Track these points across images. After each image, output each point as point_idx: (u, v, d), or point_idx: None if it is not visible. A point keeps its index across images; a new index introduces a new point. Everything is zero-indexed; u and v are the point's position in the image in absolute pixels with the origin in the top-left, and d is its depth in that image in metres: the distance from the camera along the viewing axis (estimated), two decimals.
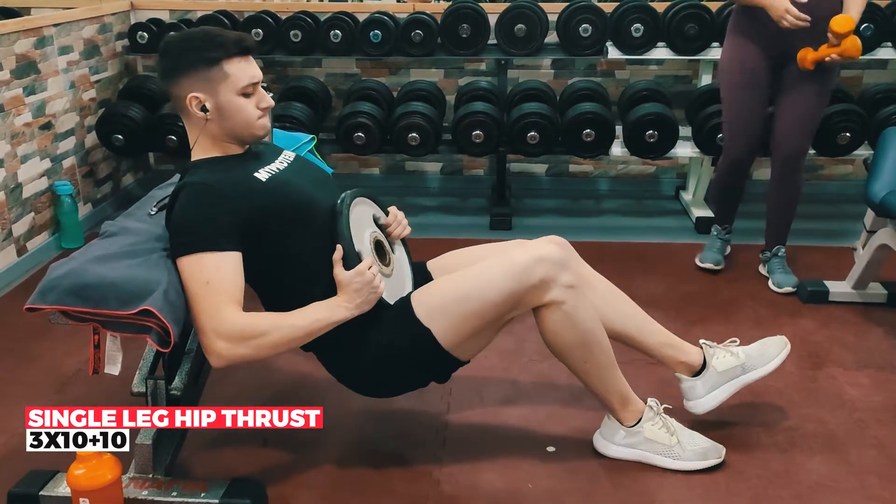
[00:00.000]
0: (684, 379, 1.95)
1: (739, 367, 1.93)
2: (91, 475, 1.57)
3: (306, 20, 3.57)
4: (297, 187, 1.74)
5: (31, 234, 3.13)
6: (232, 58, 1.66)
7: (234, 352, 1.59)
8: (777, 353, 1.96)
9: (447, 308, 1.69)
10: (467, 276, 1.73)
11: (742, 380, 1.93)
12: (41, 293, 1.56)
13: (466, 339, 1.72)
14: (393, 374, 1.76)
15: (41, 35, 3.20)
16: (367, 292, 1.64)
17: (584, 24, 3.41)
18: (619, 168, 4.06)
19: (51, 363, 2.36)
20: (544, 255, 1.69)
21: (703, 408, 1.93)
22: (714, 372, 1.92)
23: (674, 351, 1.94)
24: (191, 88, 1.67)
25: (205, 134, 1.72)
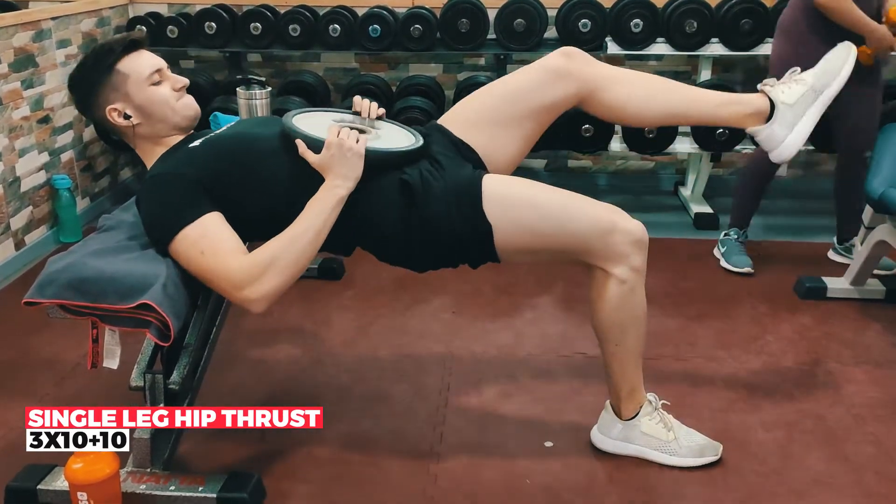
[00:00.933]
0: (759, 131, 1.81)
1: (810, 90, 1.79)
2: (89, 469, 1.57)
3: (305, 14, 3.56)
4: (228, 135, 1.73)
5: (29, 228, 3.13)
6: (122, 57, 1.68)
7: (263, 289, 1.56)
8: (842, 63, 1.82)
9: (518, 215, 1.65)
10: (553, 195, 1.70)
11: (820, 100, 1.80)
12: (39, 287, 1.56)
13: (519, 251, 1.69)
14: (436, 249, 1.70)
15: (39, 28, 3.19)
16: (347, 158, 1.60)
17: (583, 19, 3.40)
18: (618, 163, 4.06)
19: (49, 357, 2.36)
20: (631, 228, 1.68)
21: (791, 148, 1.80)
22: (786, 108, 1.79)
23: (736, 106, 1.82)
24: (105, 104, 1.69)
25: (141, 139, 1.73)
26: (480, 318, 2.59)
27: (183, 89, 1.74)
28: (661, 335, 2.44)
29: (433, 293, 2.74)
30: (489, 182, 1.68)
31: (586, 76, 1.82)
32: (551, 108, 1.83)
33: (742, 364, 2.29)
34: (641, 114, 1.87)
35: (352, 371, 2.28)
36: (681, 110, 1.86)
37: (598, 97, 1.83)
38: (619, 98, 1.84)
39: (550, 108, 1.83)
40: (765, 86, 1.85)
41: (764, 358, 2.32)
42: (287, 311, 2.63)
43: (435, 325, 2.55)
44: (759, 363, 2.30)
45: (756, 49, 3.38)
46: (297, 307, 2.66)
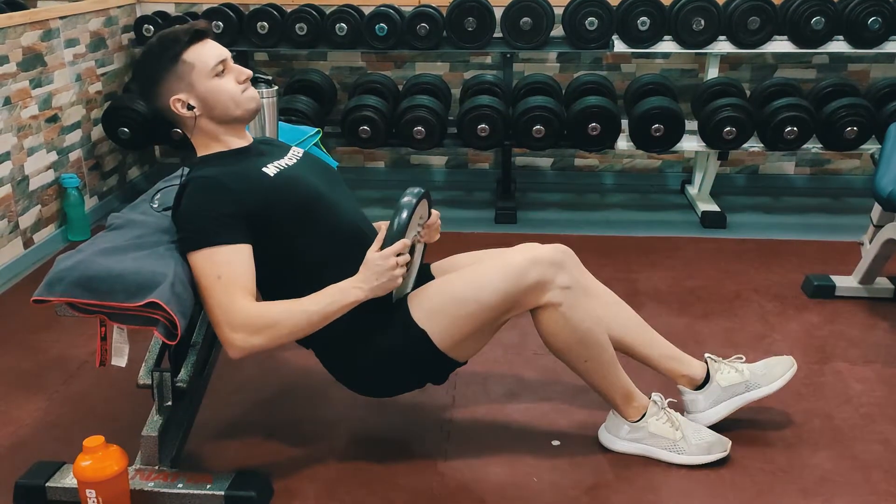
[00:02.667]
0: (686, 392, 1.94)
1: (743, 384, 1.91)
2: (97, 466, 1.58)
3: (312, 13, 3.57)
4: (306, 182, 1.73)
5: (37, 227, 3.14)
6: (188, 47, 1.66)
7: (250, 342, 1.59)
8: (783, 372, 1.94)
9: (443, 309, 1.68)
10: (464, 278, 1.73)
11: (745, 397, 1.91)
12: (48, 285, 1.57)
13: (463, 341, 1.71)
14: (389, 374, 1.76)
15: (47, 28, 3.20)
16: (386, 278, 1.61)
17: (590, 18, 3.40)
18: (625, 162, 4.05)
19: (57, 355, 2.37)
20: (539, 256, 1.68)
21: (703, 422, 1.90)
22: (717, 387, 1.91)
23: (676, 363, 1.93)
24: (170, 93, 1.68)
25: (201, 132, 1.72)
26: None
27: (247, 81, 1.72)
28: (667, 334, 2.40)
29: None
30: (412, 295, 1.73)
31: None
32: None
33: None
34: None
35: None
36: (634, 345, 1.92)
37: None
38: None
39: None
40: (710, 358, 1.95)
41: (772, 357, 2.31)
42: None
43: None
44: None
45: (763, 47, 3.37)
46: None
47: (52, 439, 1.96)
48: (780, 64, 3.80)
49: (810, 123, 3.27)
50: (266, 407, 2.12)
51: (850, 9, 3.28)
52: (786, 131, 3.26)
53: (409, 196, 1.67)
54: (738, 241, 3.25)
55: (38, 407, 2.10)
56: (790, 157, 3.97)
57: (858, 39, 3.31)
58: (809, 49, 3.37)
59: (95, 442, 1.59)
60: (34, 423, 2.03)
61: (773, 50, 3.41)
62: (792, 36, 3.35)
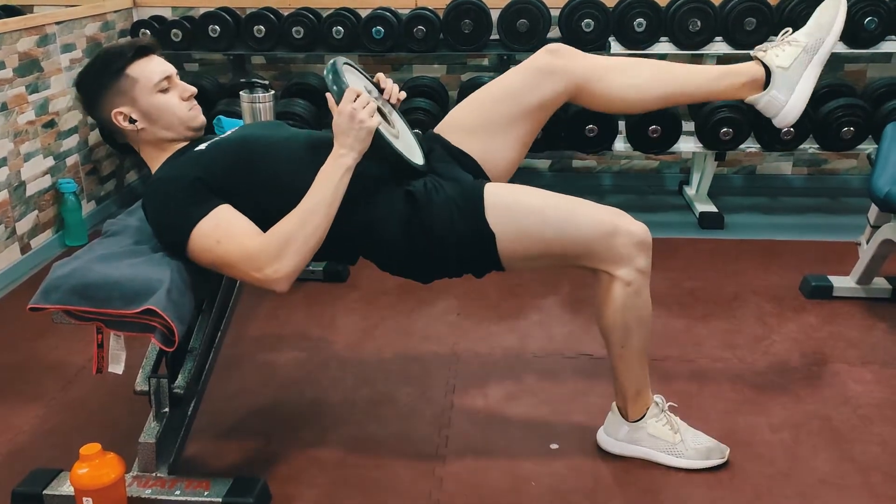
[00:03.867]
0: (758, 99, 1.79)
1: (803, 50, 1.77)
2: (94, 474, 1.57)
3: (308, 16, 3.56)
4: (236, 138, 1.73)
5: (34, 232, 3.14)
6: (132, 62, 1.67)
7: (283, 268, 1.55)
8: (833, 16, 1.79)
9: (520, 222, 1.65)
10: (554, 202, 1.69)
11: (817, 58, 1.78)
12: (44, 293, 1.56)
13: (523, 258, 1.68)
14: (438, 259, 1.70)
15: (44, 33, 3.20)
16: (355, 125, 1.56)
17: (586, 19, 3.40)
18: (623, 163, 4.05)
19: (54, 362, 2.36)
20: (634, 230, 1.66)
21: (794, 110, 1.78)
22: (781, 71, 1.77)
23: (731, 78, 1.81)
24: (111, 106, 1.68)
25: (145, 144, 1.73)
26: (485, 320, 2.59)
27: (191, 98, 1.74)
28: (666, 336, 2.43)
29: (438, 295, 2.74)
30: (491, 190, 1.68)
31: (574, 70, 1.80)
32: (543, 106, 1.82)
33: (748, 365, 2.28)
34: (638, 99, 1.86)
35: (357, 374, 2.28)
36: (677, 90, 1.84)
37: (590, 89, 1.81)
38: (613, 87, 1.82)
39: (543, 107, 1.83)
40: (758, 52, 1.83)
41: (770, 358, 2.31)
42: (292, 313, 2.64)
43: (440, 327, 2.55)
44: (765, 363, 2.29)
45: None
46: (302, 310, 2.66)
47: (49, 446, 1.96)
48: None
49: (807, 124, 3.27)
50: (263, 413, 2.11)
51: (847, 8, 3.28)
52: (782, 132, 3.26)
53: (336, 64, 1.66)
54: (735, 241, 3.25)
55: (35, 414, 2.10)
56: (787, 158, 3.97)
57: (855, 39, 3.31)
58: None
59: (92, 449, 1.59)
60: (31, 431, 2.03)
61: None
62: None
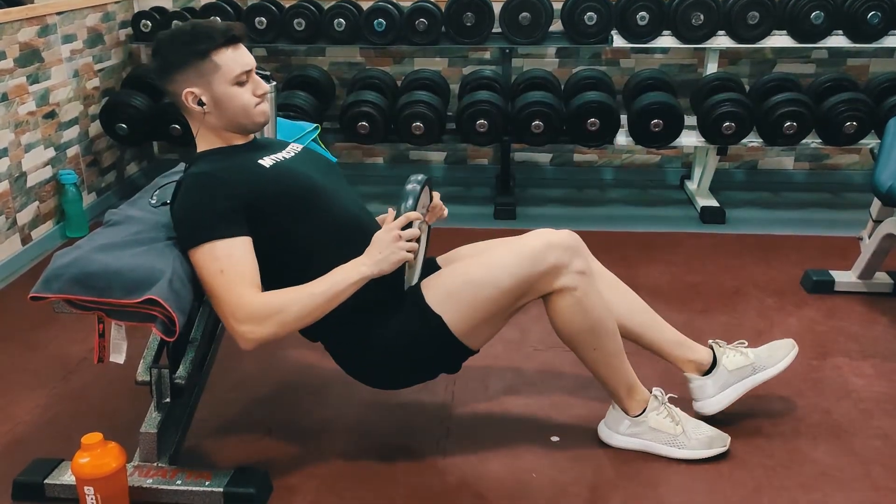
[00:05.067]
0: (694, 378, 1.93)
1: (750, 366, 1.91)
2: (96, 463, 1.58)
3: (310, 9, 3.56)
4: (303, 174, 1.73)
5: (35, 223, 3.13)
6: (221, 48, 1.65)
7: (260, 333, 1.58)
8: (786, 353, 1.95)
9: (459, 294, 1.68)
10: (479, 263, 1.73)
11: (753, 379, 1.92)
12: (45, 282, 1.56)
13: (477, 326, 1.70)
14: (403, 364, 1.75)
15: (45, 23, 3.19)
16: (390, 250, 1.60)
17: (588, 13, 3.39)
18: (624, 157, 4.05)
19: (55, 352, 2.36)
20: (556, 240, 1.68)
21: (712, 408, 1.91)
22: (724, 371, 1.91)
23: (683, 350, 1.93)
24: (185, 84, 1.67)
25: (205, 127, 1.72)
26: None
27: (264, 96, 1.72)
28: None
29: None
30: (426, 282, 1.73)
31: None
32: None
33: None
34: None
35: None
36: (643, 333, 1.92)
37: None
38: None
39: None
40: (715, 343, 1.96)
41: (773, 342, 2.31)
42: None
43: None
44: None
45: (763, 41, 3.37)
46: None
47: (50, 436, 1.96)
48: (780, 59, 3.80)
49: (809, 118, 3.27)
50: (265, 403, 2.11)
51: (849, 3, 3.27)
52: (785, 126, 3.26)
53: (414, 183, 1.67)
54: (737, 236, 3.25)
55: (37, 404, 2.10)
56: (789, 153, 3.96)
57: (858, 34, 3.31)
58: (809, 44, 3.36)
59: (94, 439, 1.59)
60: (32, 420, 2.03)
61: (773, 45, 3.41)
62: (791, 31, 3.34)
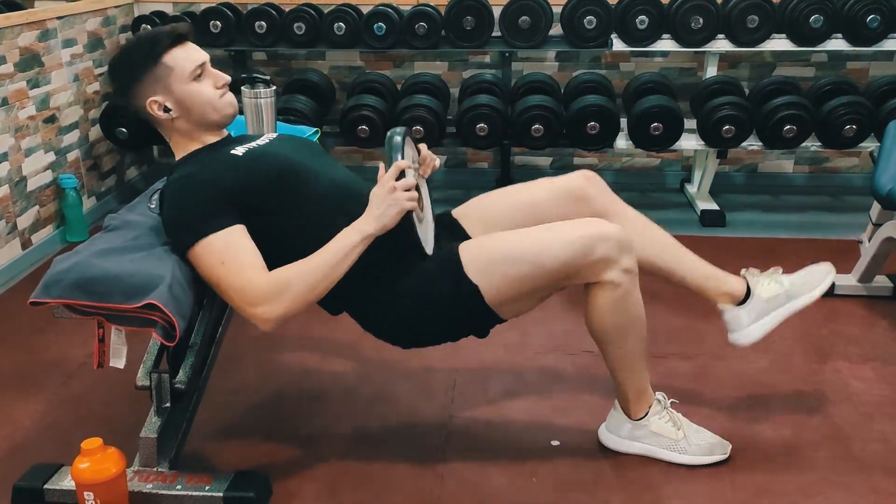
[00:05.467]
0: (728, 309, 1.88)
1: (784, 294, 1.86)
2: (96, 468, 1.57)
3: (310, 13, 3.56)
4: (279, 154, 1.72)
5: (35, 228, 3.14)
6: (168, 50, 1.67)
7: (275, 311, 1.57)
8: (821, 279, 1.88)
9: (499, 267, 1.66)
10: (524, 238, 1.70)
11: (788, 307, 1.86)
12: (45, 287, 1.56)
13: (513, 300, 1.69)
14: (432, 324, 1.72)
15: (45, 28, 3.20)
16: (388, 203, 1.58)
17: (588, 17, 3.39)
18: (624, 161, 4.05)
19: (55, 356, 2.36)
20: (610, 233, 1.66)
21: (749, 338, 1.86)
22: (759, 300, 1.85)
23: (716, 282, 1.88)
24: (146, 94, 1.68)
25: (177, 133, 1.73)
26: None
27: (225, 87, 1.73)
28: (667, 333, 2.43)
29: None
30: (464, 248, 1.70)
31: (601, 206, 1.86)
32: None
33: (749, 362, 2.28)
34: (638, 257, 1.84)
35: (358, 370, 2.28)
36: (668, 268, 1.90)
37: None
38: None
39: None
40: (748, 273, 1.92)
41: (771, 356, 2.31)
42: None
43: None
44: (767, 361, 2.29)
45: (762, 45, 3.37)
46: None
47: (50, 441, 1.96)
48: (779, 62, 3.80)
49: (809, 121, 3.27)
50: (265, 408, 2.11)
51: (848, 7, 3.28)
52: (785, 129, 3.26)
53: (396, 136, 1.66)
54: (737, 239, 3.25)
55: (36, 409, 2.09)
56: (789, 156, 3.97)
57: (857, 37, 3.31)
58: (808, 47, 3.36)
59: (93, 444, 1.59)
60: (32, 425, 2.03)
61: (772, 48, 3.41)
62: (791, 34, 3.34)
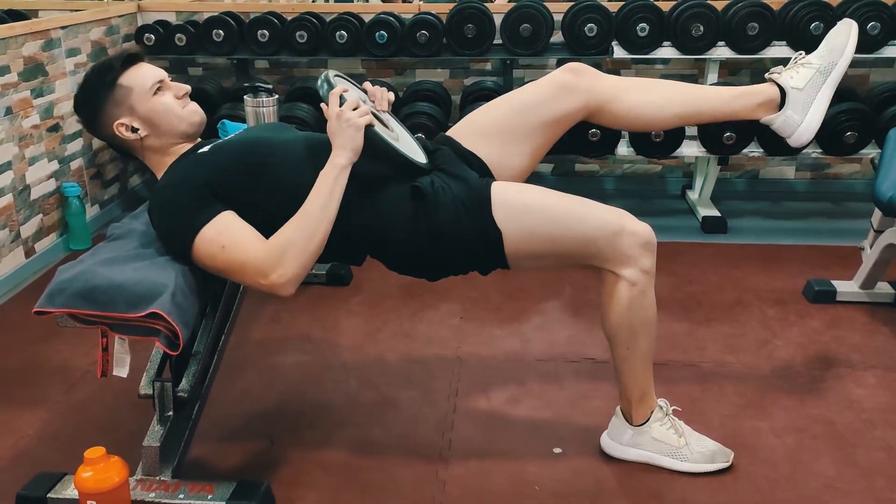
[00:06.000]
0: (774, 119, 1.82)
1: (818, 72, 1.79)
2: (99, 478, 1.58)
3: (312, 21, 3.58)
4: (239, 140, 1.74)
5: (39, 236, 3.15)
6: (123, 72, 1.69)
7: (288, 273, 1.57)
8: (846, 39, 1.82)
9: (527, 220, 1.66)
10: (559, 201, 1.71)
11: (830, 82, 1.80)
12: (49, 296, 1.57)
13: (528, 256, 1.69)
14: (444, 254, 1.71)
15: (49, 37, 3.21)
16: (345, 125, 1.59)
17: (589, 24, 3.40)
18: (626, 167, 4.05)
19: (59, 365, 2.37)
20: (638, 231, 1.67)
21: (809, 129, 1.80)
22: (796, 92, 1.79)
23: (746, 98, 1.83)
24: (111, 119, 1.70)
25: (150, 151, 1.75)
26: (488, 324, 2.59)
27: (186, 96, 1.75)
28: (669, 339, 2.43)
29: (441, 299, 2.74)
30: (497, 189, 1.70)
31: (595, 89, 1.84)
32: (560, 121, 1.84)
33: (751, 369, 2.28)
34: (655, 118, 1.89)
35: (360, 377, 2.28)
36: (694, 109, 1.87)
37: (609, 108, 1.84)
38: (632, 105, 1.85)
39: (559, 122, 1.84)
40: (772, 74, 1.86)
41: (773, 362, 2.31)
42: (295, 317, 2.64)
43: (443, 330, 2.55)
44: (769, 368, 2.29)
45: (763, 52, 3.37)
46: (305, 313, 2.66)
47: (53, 450, 1.96)
48: None
49: None
50: (267, 416, 2.11)
51: (848, 14, 3.28)
52: None
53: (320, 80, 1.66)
54: (738, 245, 3.25)
55: (40, 418, 2.10)
56: (790, 162, 3.97)
57: (858, 44, 3.30)
58: None
59: (97, 453, 1.59)
60: (35, 434, 2.03)
61: (773, 55, 3.41)
62: (791, 41, 3.35)
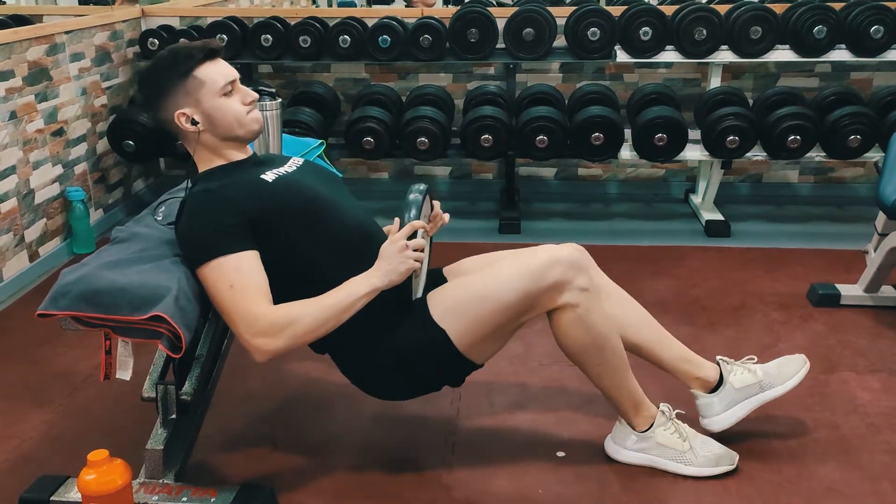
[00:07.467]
0: (700, 395, 1.92)
1: (757, 384, 1.89)
2: (101, 480, 1.57)
3: (315, 26, 3.58)
4: (307, 186, 1.75)
5: (43, 240, 3.15)
6: (201, 64, 1.68)
7: (273, 345, 1.58)
8: (796, 370, 1.92)
9: (462, 308, 1.69)
10: (483, 277, 1.74)
11: (760, 398, 1.89)
12: (53, 299, 1.57)
13: (481, 341, 1.71)
14: (407, 375, 1.75)
15: (53, 42, 3.22)
16: (398, 261, 1.62)
17: (592, 28, 3.41)
18: (629, 171, 4.05)
19: (62, 368, 2.37)
20: (560, 256, 1.69)
21: (719, 425, 1.89)
22: (731, 389, 1.89)
23: (690, 366, 1.92)
24: (176, 107, 1.69)
25: (202, 146, 1.74)
26: None
27: (253, 104, 1.74)
28: None
29: None
30: (432, 294, 1.75)
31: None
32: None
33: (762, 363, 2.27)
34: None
35: None
36: (649, 346, 1.91)
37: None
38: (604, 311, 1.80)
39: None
40: (724, 361, 1.94)
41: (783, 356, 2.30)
42: None
43: None
44: None
45: (766, 56, 3.38)
46: None
47: (56, 453, 1.96)
48: (783, 73, 3.81)
49: (813, 132, 3.27)
50: (271, 419, 2.11)
51: (852, 17, 3.28)
52: (789, 140, 3.26)
53: (416, 193, 1.72)
54: (742, 249, 3.25)
55: (43, 420, 2.10)
56: (794, 166, 3.97)
57: (861, 48, 3.31)
58: (812, 58, 3.37)
59: (99, 456, 1.59)
60: (38, 437, 2.03)
61: (776, 59, 3.42)
62: (794, 45, 3.35)
